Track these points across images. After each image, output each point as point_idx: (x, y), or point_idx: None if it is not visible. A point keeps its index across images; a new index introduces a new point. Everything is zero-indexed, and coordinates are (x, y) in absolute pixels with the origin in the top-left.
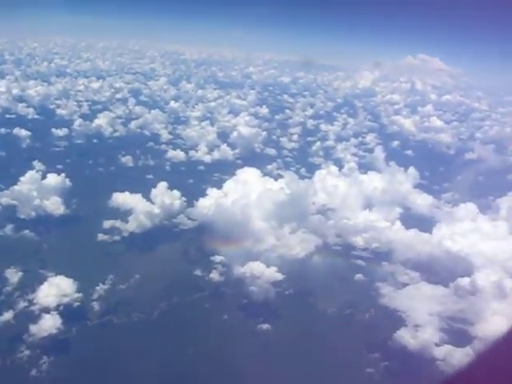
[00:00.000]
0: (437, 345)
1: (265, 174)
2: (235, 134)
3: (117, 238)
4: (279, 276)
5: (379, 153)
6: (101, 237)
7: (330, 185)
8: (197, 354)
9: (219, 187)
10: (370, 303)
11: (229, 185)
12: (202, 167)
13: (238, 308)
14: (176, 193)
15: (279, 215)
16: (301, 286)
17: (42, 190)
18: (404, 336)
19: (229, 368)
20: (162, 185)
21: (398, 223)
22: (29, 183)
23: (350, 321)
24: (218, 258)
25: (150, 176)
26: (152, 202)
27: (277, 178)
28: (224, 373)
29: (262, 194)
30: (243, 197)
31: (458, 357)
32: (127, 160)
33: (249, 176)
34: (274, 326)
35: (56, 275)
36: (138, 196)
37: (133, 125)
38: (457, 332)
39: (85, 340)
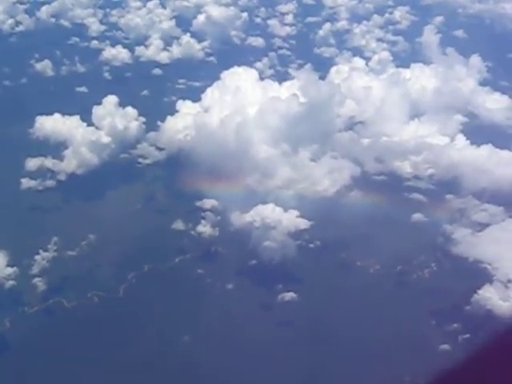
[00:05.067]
0: None
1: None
2: (201, 17)
3: (50, 183)
4: (302, 223)
5: (428, 35)
6: (26, 183)
7: (357, 87)
8: (193, 346)
9: (194, 99)
10: (433, 254)
11: (211, 94)
12: (157, 70)
13: (245, 273)
14: (130, 111)
15: (293, 135)
16: (332, 235)
17: None
18: (490, 297)
19: (243, 364)
20: (109, 100)
21: (462, 138)
22: None
23: (405, 281)
24: (207, 203)
25: (83, 89)
26: (96, 127)
27: (280, 80)
28: (237, 371)
29: (265, 106)
30: (236, 111)
31: None
32: (44, 66)
33: (240, 79)
34: (300, 294)
35: None
36: (74, 119)
37: (43, 12)
38: None
39: (25, 334)
